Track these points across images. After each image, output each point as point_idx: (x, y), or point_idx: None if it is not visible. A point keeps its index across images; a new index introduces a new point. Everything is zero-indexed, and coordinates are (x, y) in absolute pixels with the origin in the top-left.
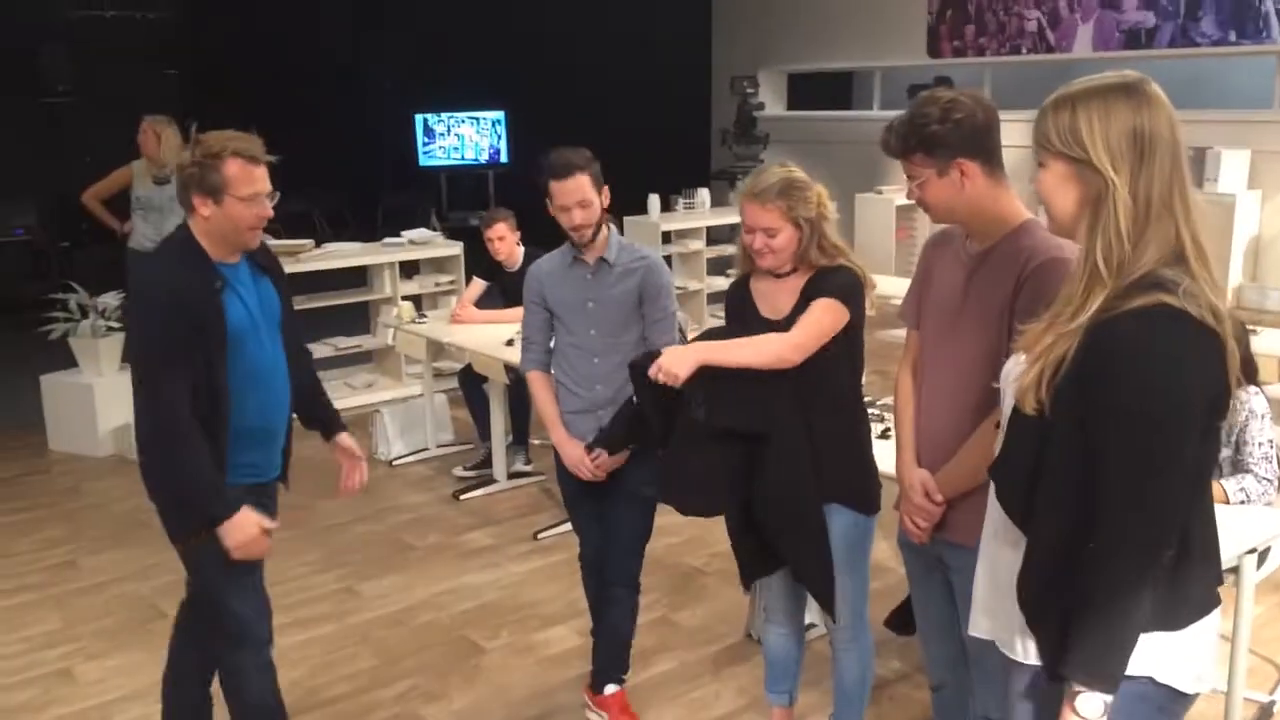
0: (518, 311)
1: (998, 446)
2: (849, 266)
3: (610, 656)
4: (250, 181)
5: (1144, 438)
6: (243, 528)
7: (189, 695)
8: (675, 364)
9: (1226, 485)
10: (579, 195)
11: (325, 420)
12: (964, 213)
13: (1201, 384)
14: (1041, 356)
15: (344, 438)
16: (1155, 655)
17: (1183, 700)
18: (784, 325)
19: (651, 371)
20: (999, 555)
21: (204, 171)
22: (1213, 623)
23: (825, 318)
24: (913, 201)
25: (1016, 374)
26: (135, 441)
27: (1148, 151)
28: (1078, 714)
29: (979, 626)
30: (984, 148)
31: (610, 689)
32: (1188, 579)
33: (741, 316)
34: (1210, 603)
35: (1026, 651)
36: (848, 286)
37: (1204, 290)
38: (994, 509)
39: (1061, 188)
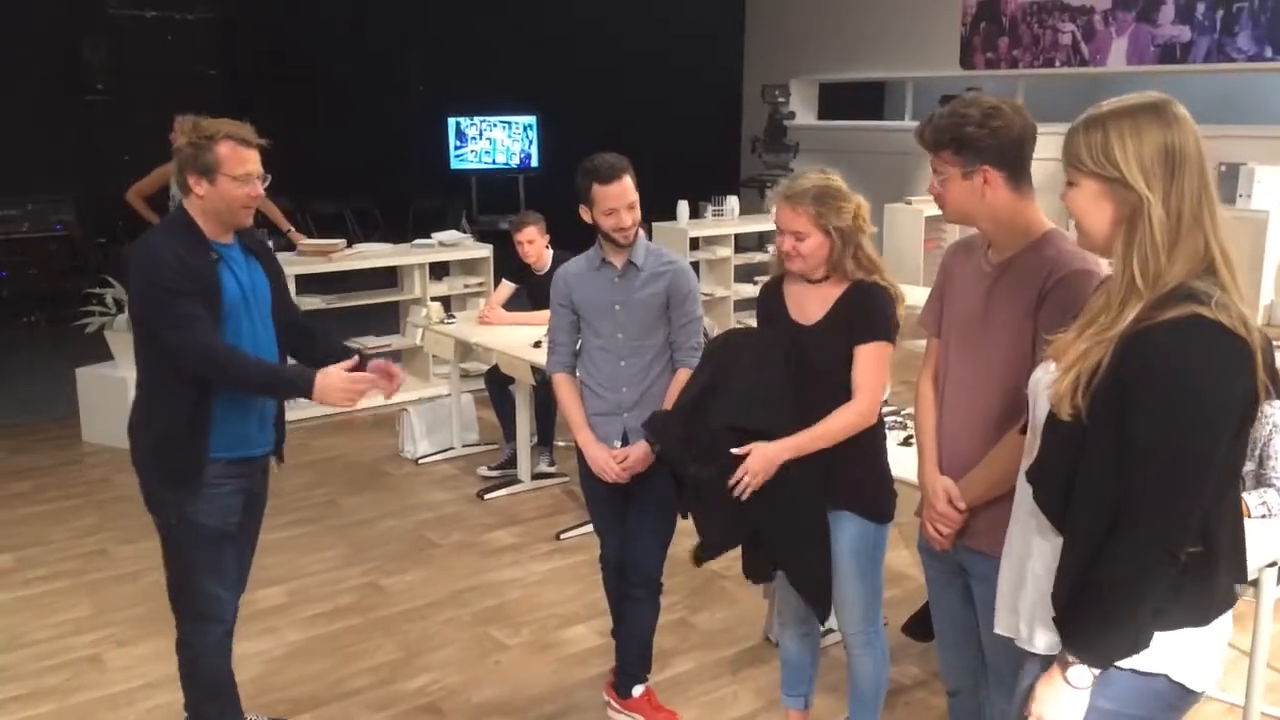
0: (544, 314)
1: (1031, 451)
2: (884, 287)
3: (633, 656)
4: (242, 162)
5: (1177, 444)
6: (331, 390)
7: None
8: (764, 469)
9: (1249, 499)
10: (628, 198)
11: (341, 352)
12: (980, 219)
13: (1235, 393)
14: (1076, 364)
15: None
16: (1172, 653)
17: (1191, 697)
18: (811, 330)
19: (743, 480)
20: (1026, 553)
21: (198, 152)
22: (1227, 622)
23: (877, 367)
24: (931, 197)
25: (1048, 381)
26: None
27: (1178, 168)
28: (1068, 682)
29: (1002, 623)
30: (1013, 160)
31: (637, 690)
32: (1215, 576)
33: (771, 317)
34: (1231, 600)
35: (1037, 642)
36: (883, 314)
37: (1234, 301)
38: (1021, 510)
39: (1094, 206)
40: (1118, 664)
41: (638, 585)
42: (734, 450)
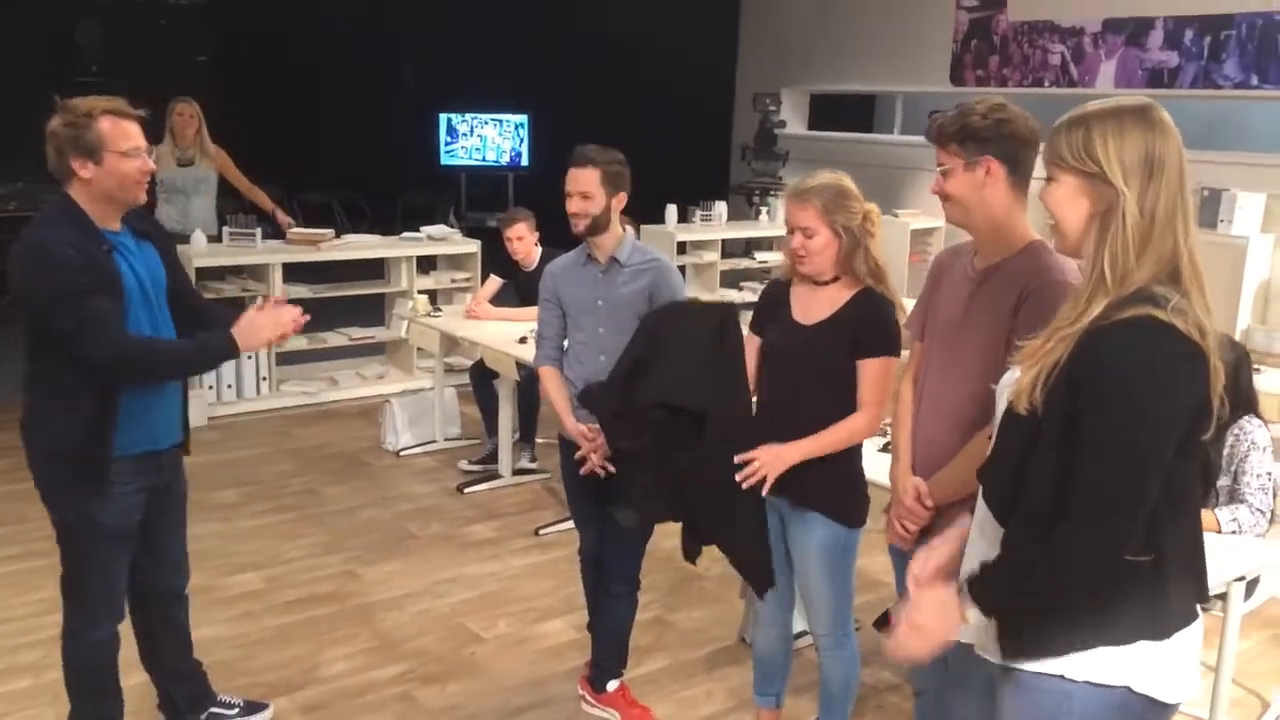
0: (530, 311)
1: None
2: (888, 298)
3: (609, 651)
4: (126, 136)
5: (1118, 442)
6: (253, 329)
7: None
8: (774, 467)
9: (1220, 514)
10: (581, 186)
11: (220, 317)
12: (978, 215)
13: (1180, 396)
14: (1040, 360)
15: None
16: (1133, 664)
17: (1163, 710)
18: (813, 330)
19: (751, 477)
20: (978, 550)
21: (78, 132)
22: (1194, 635)
23: (885, 379)
24: (936, 194)
25: (1010, 381)
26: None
27: (1156, 171)
28: (964, 616)
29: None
30: (1015, 156)
31: (612, 685)
32: (1166, 587)
33: (773, 315)
34: (1191, 616)
35: (970, 616)
36: (891, 327)
37: (1193, 308)
38: (980, 510)
39: (1072, 201)
40: (1072, 677)
41: (616, 581)
42: (739, 457)
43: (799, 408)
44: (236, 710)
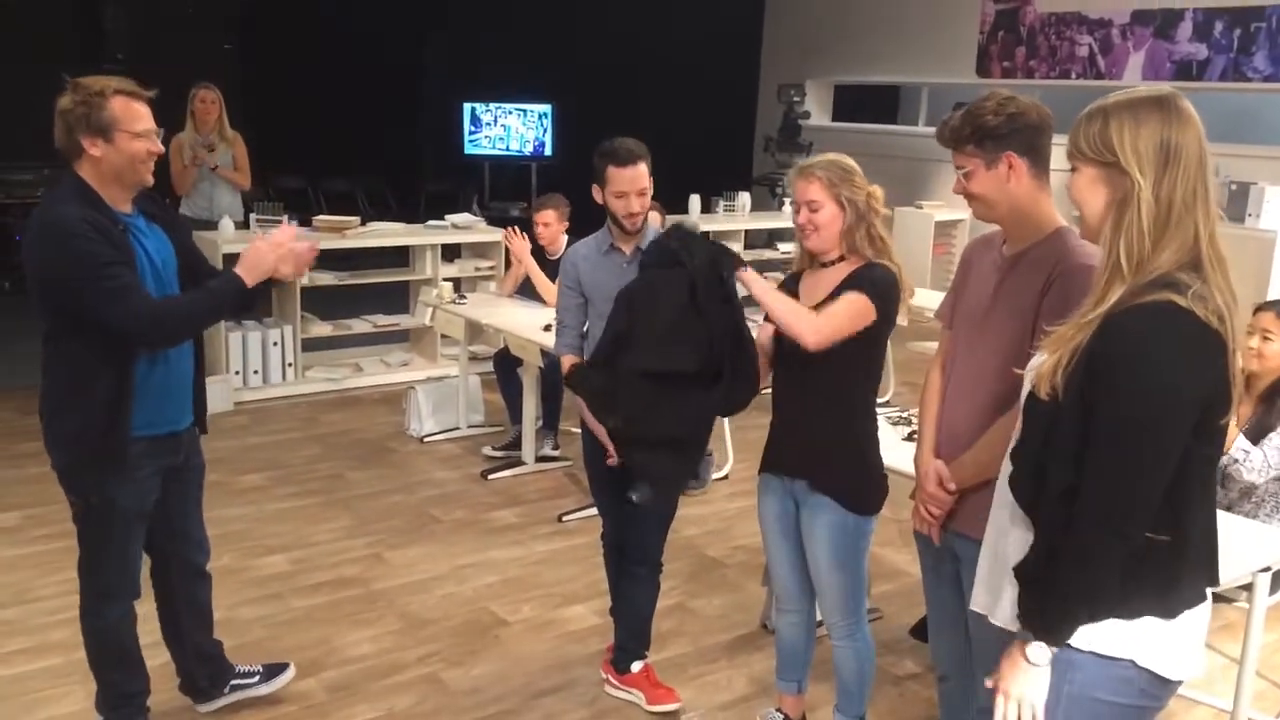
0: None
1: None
2: (889, 265)
3: (632, 634)
4: (138, 117)
5: (1133, 427)
6: (256, 261)
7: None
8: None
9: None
10: (640, 184)
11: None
12: (1004, 209)
13: (1196, 381)
14: (1061, 346)
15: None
16: (1139, 640)
17: (1166, 686)
18: (815, 310)
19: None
20: (1001, 533)
21: (90, 111)
22: (1201, 615)
23: (849, 310)
24: (959, 195)
25: (1037, 364)
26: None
27: (1173, 159)
28: (1027, 659)
29: (978, 601)
30: (1033, 146)
31: (636, 666)
32: (1180, 572)
33: None
34: (1200, 597)
35: (1000, 616)
36: (881, 283)
37: (1214, 295)
38: (1001, 490)
39: (1091, 190)
40: (1078, 646)
41: (638, 563)
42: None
43: (801, 388)
44: (257, 677)
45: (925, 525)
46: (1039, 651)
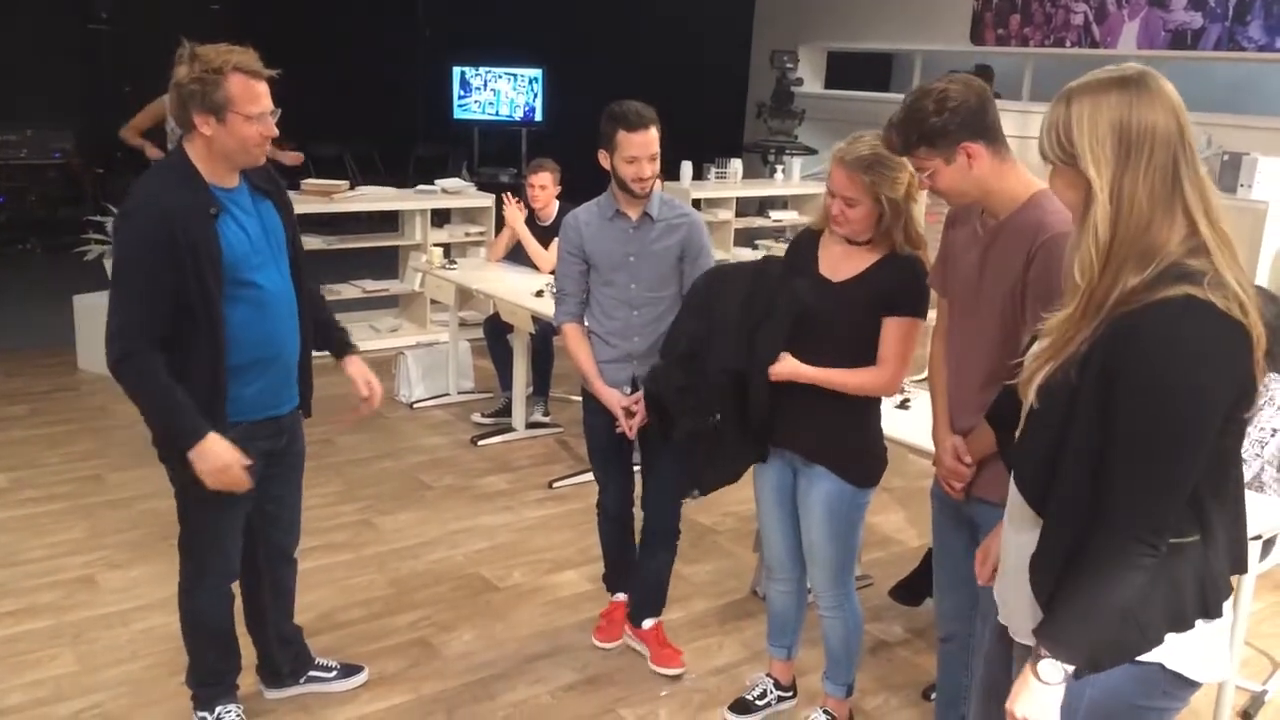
0: (550, 255)
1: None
2: (921, 263)
3: (649, 593)
4: (255, 99)
5: (1161, 433)
6: (209, 455)
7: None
8: (787, 375)
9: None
10: (652, 148)
11: (335, 341)
12: (976, 194)
13: (1226, 379)
14: (1060, 348)
15: (354, 362)
16: (1168, 642)
17: (1189, 686)
18: (839, 288)
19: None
20: (1011, 540)
21: (205, 88)
22: (1227, 611)
23: (906, 342)
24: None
25: (1036, 353)
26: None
27: (1135, 148)
28: (1038, 676)
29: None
30: (983, 128)
31: (648, 623)
32: (1216, 563)
33: (797, 265)
34: (1229, 589)
35: (1015, 627)
36: (916, 291)
37: (1230, 281)
38: (1012, 495)
39: (1065, 192)
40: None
41: (658, 532)
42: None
43: (818, 363)
44: (334, 674)
45: (950, 493)
46: (1049, 670)
